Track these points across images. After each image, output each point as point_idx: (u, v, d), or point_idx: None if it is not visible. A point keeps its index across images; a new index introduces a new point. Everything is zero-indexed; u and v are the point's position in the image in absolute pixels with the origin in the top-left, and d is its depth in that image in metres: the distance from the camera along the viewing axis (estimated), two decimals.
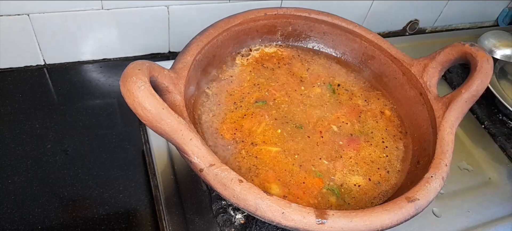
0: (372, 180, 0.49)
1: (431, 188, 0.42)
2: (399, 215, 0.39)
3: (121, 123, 0.65)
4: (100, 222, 0.53)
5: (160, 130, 0.37)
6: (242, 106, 0.53)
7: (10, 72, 0.69)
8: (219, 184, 0.38)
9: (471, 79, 0.50)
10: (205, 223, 0.49)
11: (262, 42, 0.62)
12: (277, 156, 0.48)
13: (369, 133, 0.54)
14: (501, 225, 0.57)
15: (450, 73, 0.81)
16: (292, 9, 0.60)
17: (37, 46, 0.67)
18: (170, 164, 0.54)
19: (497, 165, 0.66)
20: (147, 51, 0.76)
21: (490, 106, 0.75)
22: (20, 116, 0.63)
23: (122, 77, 0.36)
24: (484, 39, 0.82)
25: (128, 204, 0.55)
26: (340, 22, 0.61)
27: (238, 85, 0.56)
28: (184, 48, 0.50)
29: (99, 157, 0.59)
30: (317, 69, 0.61)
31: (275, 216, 0.37)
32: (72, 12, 0.65)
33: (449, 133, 0.48)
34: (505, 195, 0.61)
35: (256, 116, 0.52)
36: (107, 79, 0.71)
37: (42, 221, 0.52)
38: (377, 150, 0.52)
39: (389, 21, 0.93)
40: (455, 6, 0.97)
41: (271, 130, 0.51)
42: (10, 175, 0.55)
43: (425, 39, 0.93)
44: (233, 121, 0.51)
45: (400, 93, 0.58)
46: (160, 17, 0.71)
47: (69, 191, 0.55)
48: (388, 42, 0.59)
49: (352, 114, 0.56)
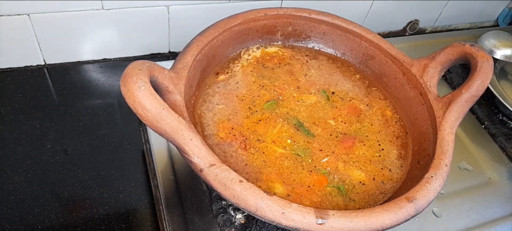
0: (376, 180, 0.49)
1: (431, 188, 0.42)
2: (399, 215, 0.39)
3: (121, 123, 0.65)
4: (100, 222, 0.53)
5: (160, 130, 0.37)
6: (243, 106, 0.53)
7: (10, 72, 0.69)
8: (219, 184, 0.38)
9: (471, 79, 0.50)
10: (205, 223, 0.49)
11: (262, 42, 0.62)
12: (281, 155, 0.48)
13: (369, 133, 0.54)
14: (501, 225, 0.57)
15: (450, 73, 0.81)
16: (292, 9, 0.60)
17: (37, 46, 0.67)
18: (170, 164, 0.54)
19: (497, 165, 0.66)
20: (147, 51, 0.76)
21: (490, 107, 0.75)
22: (20, 115, 0.63)
23: (122, 77, 0.36)
24: (484, 39, 0.82)
25: (128, 204, 0.55)
26: (340, 22, 0.61)
27: (239, 85, 0.56)
28: (184, 49, 0.50)
29: (99, 157, 0.59)
30: (316, 71, 0.61)
31: (275, 216, 0.37)
32: (72, 12, 0.65)
33: (449, 133, 0.48)
34: (505, 195, 0.61)
35: (256, 115, 0.52)
36: (107, 79, 0.71)
37: (42, 221, 0.52)
38: (377, 150, 0.52)
39: (389, 21, 0.93)
40: (455, 6, 0.97)
41: (271, 128, 0.51)
42: (10, 175, 0.55)
43: (425, 39, 0.93)
44: (228, 119, 0.51)
45: (400, 93, 0.58)
46: (160, 17, 0.71)
47: (69, 191, 0.55)
48: (388, 42, 0.59)
49: (353, 115, 0.56)
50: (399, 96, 0.58)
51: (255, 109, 0.53)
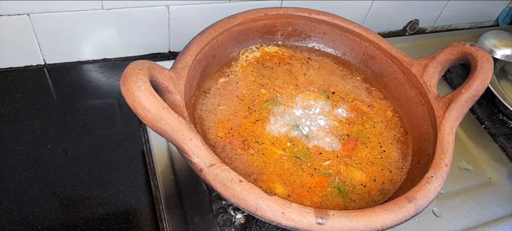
0: (377, 181, 0.49)
1: (431, 188, 0.42)
2: (399, 215, 0.39)
3: (121, 123, 0.65)
4: (100, 222, 0.53)
5: (160, 130, 0.37)
6: (243, 106, 0.53)
7: (10, 72, 0.69)
8: (219, 184, 0.38)
9: (471, 79, 0.50)
10: (205, 223, 0.49)
11: (262, 42, 0.62)
12: (281, 156, 0.48)
13: (370, 133, 0.54)
14: (501, 225, 0.57)
15: (450, 73, 0.81)
16: (292, 9, 0.60)
17: (37, 46, 0.67)
18: (170, 164, 0.54)
19: (497, 165, 0.66)
20: (147, 51, 0.76)
21: (490, 106, 0.75)
22: (20, 115, 0.63)
23: (122, 77, 0.36)
24: (484, 39, 0.82)
25: (128, 204, 0.55)
26: (340, 22, 0.61)
27: (239, 85, 0.56)
28: (184, 48, 0.50)
29: (99, 157, 0.59)
30: (316, 70, 0.61)
31: (275, 216, 0.37)
32: (72, 12, 0.65)
33: (449, 133, 0.48)
34: (505, 195, 0.61)
35: (256, 115, 0.52)
36: (107, 79, 0.71)
37: (42, 221, 0.52)
38: (379, 152, 0.52)
39: (389, 21, 0.93)
40: (455, 6, 0.97)
41: (271, 130, 0.51)
42: (10, 175, 0.55)
43: (425, 39, 0.93)
44: (228, 119, 0.51)
45: (400, 93, 0.58)
46: (160, 17, 0.71)
47: (69, 191, 0.55)
48: (388, 42, 0.59)
49: (353, 115, 0.56)
50: (399, 96, 0.58)
51: (254, 109, 0.53)
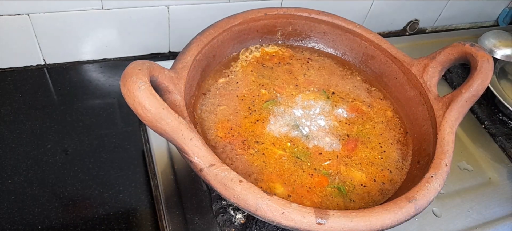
0: (377, 181, 0.49)
1: (431, 188, 0.42)
2: (399, 215, 0.39)
3: (121, 123, 0.65)
4: (100, 222, 0.53)
5: (160, 130, 0.37)
6: (243, 106, 0.53)
7: (10, 72, 0.69)
8: (219, 184, 0.38)
9: (471, 79, 0.50)
10: (205, 223, 0.49)
11: (262, 42, 0.62)
12: (281, 156, 0.48)
13: (370, 133, 0.54)
14: (501, 225, 0.57)
15: (450, 73, 0.81)
16: (292, 9, 0.60)
17: (37, 46, 0.67)
18: (170, 164, 0.54)
19: (497, 165, 0.66)
20: (147, 51, 0.76)
21: (490, 106, 0.75)
22: (20, 116, 0.63)
23: (122, 77, 0.36)
24: (484, 39, 0.82)
25: (128, 204, 0.55)
26: (340, 22, 0.61)
27: (239, 85, 0.56)
28: (184, 48, 0.50)
29: (99, 157, 0.59)
30: (316, 70, 0.61)
31: (275, 216, 0.37)
32: (72, 12, 0.65)
33: (449, 133, 0.48)
34: (505, 195, 0.61)
35: (256, 115, 0.52)
36: (107, 79, 0.71)
37: (42, 221, 0.52)
38: (378, 151, 0.52)
39: (389, 21, 0.93)
40: (455, 6, 0.97)
41: (272, 130, 0.51)
42: (10, 175, 0.55)
43: (425, 39, 0.93)
44: (228, 119, 0.51)
45: (400, 93, 0.58)
46: (160, 17, 0.71)
47: (69, 191, 0.55)
48: (388, 42, 0.59)
49: (353, 115, 0.56)
50: (399, 96, 0.58)
51: (254, 109, 0.53)
